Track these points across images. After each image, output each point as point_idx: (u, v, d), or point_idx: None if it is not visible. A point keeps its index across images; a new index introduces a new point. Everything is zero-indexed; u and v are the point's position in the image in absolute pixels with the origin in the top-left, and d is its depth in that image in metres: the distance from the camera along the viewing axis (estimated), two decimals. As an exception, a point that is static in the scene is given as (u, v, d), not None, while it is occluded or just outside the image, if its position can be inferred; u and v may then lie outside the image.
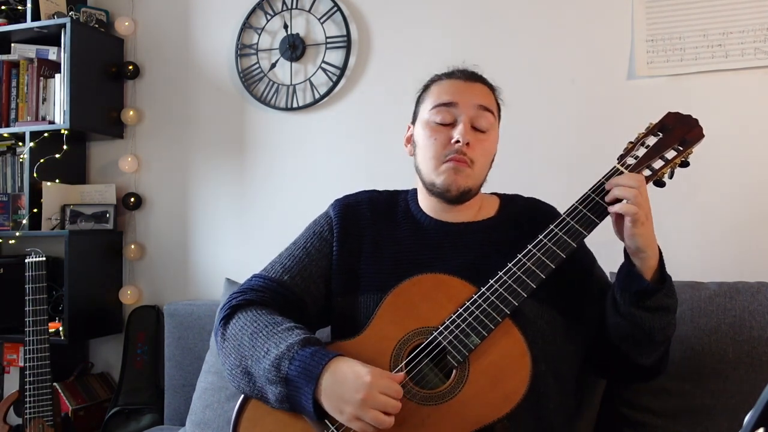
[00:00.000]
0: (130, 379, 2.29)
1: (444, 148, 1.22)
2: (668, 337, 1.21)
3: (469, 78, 1.27)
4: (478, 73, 1.30)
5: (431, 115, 1.24)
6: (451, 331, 1.08)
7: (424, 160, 1.25)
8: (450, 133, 1.22)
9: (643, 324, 1.14)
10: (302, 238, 1.33)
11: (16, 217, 2.31)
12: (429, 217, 1.29)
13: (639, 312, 1.13)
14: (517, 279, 1.10)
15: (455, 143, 1.20)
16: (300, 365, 1.06)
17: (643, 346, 1.18)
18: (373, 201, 1.35)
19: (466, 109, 1.22)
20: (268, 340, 1.12)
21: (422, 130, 1.26)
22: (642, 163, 1.14)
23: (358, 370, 1.04)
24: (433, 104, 1.25)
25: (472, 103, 1.23)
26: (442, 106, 1.23)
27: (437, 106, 1.24)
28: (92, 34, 2.36)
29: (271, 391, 1.09)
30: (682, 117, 1.16)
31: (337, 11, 2.18)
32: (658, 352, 1.20)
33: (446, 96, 1.24)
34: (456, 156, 1.21)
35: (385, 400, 1.01)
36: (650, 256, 1.11)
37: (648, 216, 1.09)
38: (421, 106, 1.29)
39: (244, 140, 2.32)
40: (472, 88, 1.25)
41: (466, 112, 1.22)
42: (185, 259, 2.38)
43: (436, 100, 1.25)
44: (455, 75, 1.28)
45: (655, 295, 1.11)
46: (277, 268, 1.27)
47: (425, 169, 1.25)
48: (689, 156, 1.15)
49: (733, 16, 1.79)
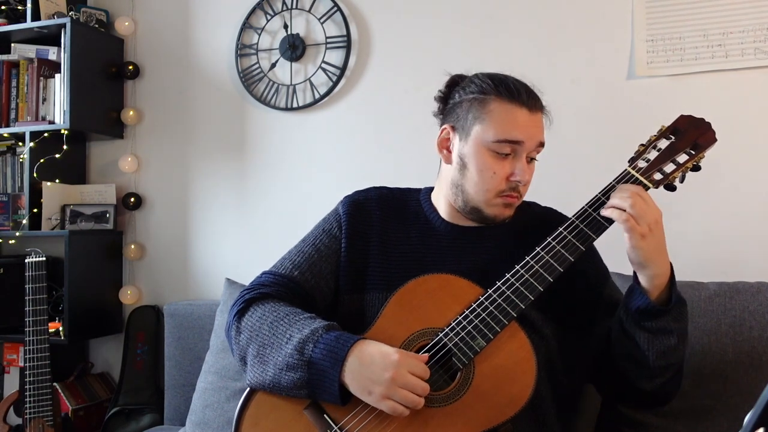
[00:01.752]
0: (130, 379, 2.29)
1: (502, 183, 1.18)
2: (671, 364, 1.13)
3: (533, 108, 1.18)
4: (537, 95, 1.22)
5: (495, 146, 1.16)
6: (456, 333, 1.08)
7: (475, 188, 1.20)
8: (508, 167, 1.17)
9: (640, 344, 1.10)
10: (311, 235, 1.32)
11: (16, 217, 2.31)
12: (442, 219, 1.28)
13: (639, 332, 1.09)
14: (525, 282, 1.10)
15: (514, 180, 1.17)
16: (325, 348, 1.06)
17: (642, 370, 1.13)
18: (382, 198, 1.33)
19: (529, 146, 1.18)
20: (291, 326, 1.12)
21: (480, 157, 1.18)
22: (653, 166, 1.13)
23: (385, 350, 1.04)
24: (498, 137, 1.16)
25: (535, 141, 1.19)
26: (507, 143, 1.16)
27: (503, 142, 1.16)
28: (92, 34, 2.35)
29: (288, 377, 1.08)
30: (694, 120, 1.15)
31: (337, 11, 2.18)
32: (660, 378, 1.14)
33: (516, 132, 1.16)
34: (512, 193, 1.19)
35: (415, 381, 1.01)
36: (656, 274, 1.07)
37: (652, 229, 1.05)
38: (477, 125, 1.18)
39: (244, 140, 2.32)
40: (536, 122, 1.19)
41: (528, 149, 1.18)
42: (185, 259, 2.38)
43: (502, 133, 1.16)
44: (521, 100, 1.17)
45: (658, 317, 1.07)
46: (286, 265, 1.27)
47: (475, 195, 1.20)
48: (701, 160, 1.14)
49: (733, 16, 1.79)
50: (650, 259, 1.06)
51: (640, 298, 1.08)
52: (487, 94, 1.18)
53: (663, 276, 1.08)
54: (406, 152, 2.12)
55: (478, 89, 1.20)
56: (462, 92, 1.23)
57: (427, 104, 2.09)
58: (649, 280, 1.08)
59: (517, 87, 1.18)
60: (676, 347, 1.11)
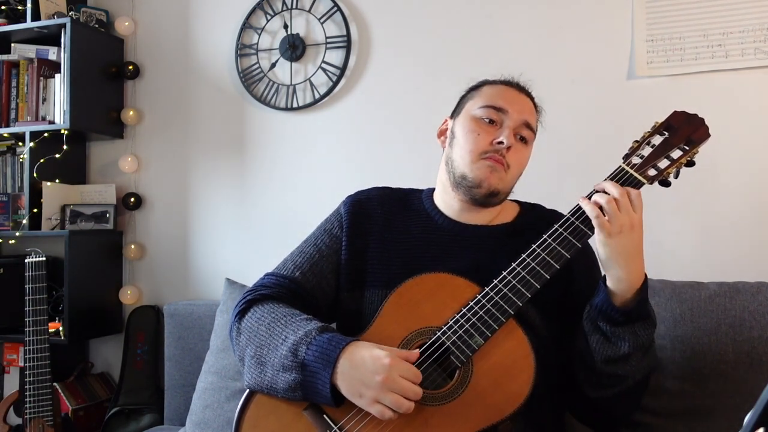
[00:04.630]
0: (130, 379, 2.29)
1: (485, 144, 1.22)
2: (619, 376, 1.12)
3: (522, 91, 1.29)
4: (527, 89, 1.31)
5: (480, 111, 1.24)
6: (454, 332, 1.08)
7: (461, 152, 1.24)
8: (494, 133, 1.22)
9: (590, 344, 1.10)
10: (313, 235, 1.34)
11: (16, 217, 2.31)
12: (444, 215, 1.29)
13: (592, 329, 1.10)
14: (522, 279, 1.10)
15: (498, 143, 1.21)
16: (317, 350, 1.07)
17: (587, 371, 1.13)
18: (384, 197, 1.35)
19: (514, 117, 1.23)
20: (286, 328, 1.13)
21: (466, 123, 1.26)
22: (647, 162, 1.13)
23: (377, 353, 1.04)
24: (484, 103, 1.25)
25: (520, 115, 1.24)
26: (493, 108, 1.24)
27: (488, 107, 1.24)
28: (92, 34, 2.35)
29: (283, 379, 1.09)
30: (688, 116, 1.15)
31: (337, 11, 2.18)
32: (605, 389, 1.14)
33: (500, 100, 1.24)
34: (495, 156, 1.21)
35: (405, 385, 1.01)
36: (621, 278, 1.07)
37: (623, 230, 1.05)
38: (468, 102, 1.29)
39: (244, 140, 2.32)
40: (524, 101, 1.27)
41: (513, 120, 1.23)
42: (185, 259, 2.38)
43: (488, 100, 1.25)
44: (510, 83, 1.30)
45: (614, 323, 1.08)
46: (289, 266, 1.28)
47: (460, 160, 1.24)
48: (695, 156, 1.14)
49: (733, 16, 1.79)
50: (615, 260, 1.06)
51: (602, 296, 1.09)
52: (482, 84, 1.32)
53: (629, 282, 1.07)
54: (407, 152, 2.12)
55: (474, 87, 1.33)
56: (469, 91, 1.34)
57: (427, 104, 2.11)
58: (613, 282, 1.08)
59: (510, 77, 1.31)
60: (627, 359, 1.10)
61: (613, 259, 1.06)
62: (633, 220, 1.06)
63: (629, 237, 1.05)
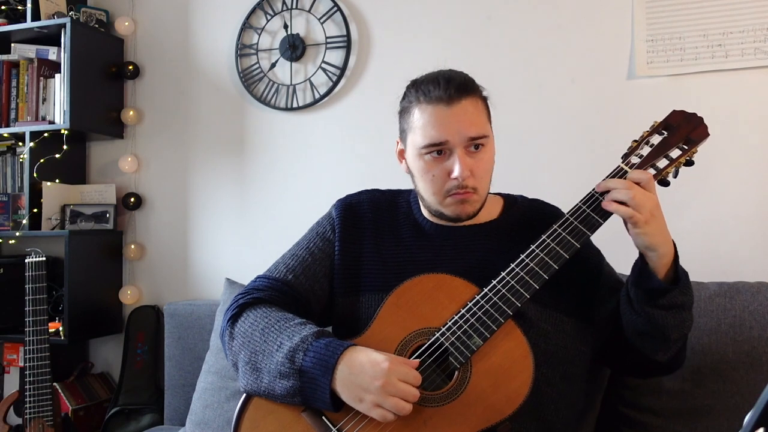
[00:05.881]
0: (130, 379, 2.29)
1: (444, 183, 1.17)
2: (684, 334, 1.19)
3: (452, 99, 1.15)
4: (456, 80, 1.17)
5: (424, 151, 1.17)
6: (453, 333, 1.08)
7: (426, 194, 1.21)
8: (446, 166, 1.16)
9: (657, 322, 1.12)
10: (305, 239, 1.33)
11: (16, 217, 2.31)
12: (430, 221, 1.28)
13: (653, 310, 1.11)
14: (520, 280, 1.10)
15: (454, 178, 1.16)
16: (315, 356, 1.06)
17: (658, 343, 1.16)
18: (374, 201, 1.34)
19: (457, 140, 1.15)
20: (281, 333, 1.12)
21: (417, 163, 1.20)
22: (646, 162, 1.13)
23: (375, 358, 1.04)
24: (423, 143, 1.17)
25: (462, 135, 1.15)
26: (433, 146, 1.16)
27: (428, 146, 1.16)
28: (92, 34, 2.35)
29: (281, 385, 1.09)
30: (687, 115, 1.15)
31: (337, 11, 2.18)
32: (674, 348, 1.19)
33: (435, 132, 1.15)
34: (458, 191, 1.17)
35: (405, 388, 1.01)
36: (662, 254, 1.09)
37: (653, 213, 1.07)
38: (409, 133, 1.21)
39: (244, 140, 2.32)
40: (458, 115, 1.15)
41: (458, 143, 1.15)
42: (185, 259, 2.38)
43: (425, 138, 1.16)
44: (435, 97, 1.15)
45: (669, 293, 1.10)
46: (281, 269, 1.27)
47: (429, 199, 1.22)
48: (694, 155, 1.14)
49: (733, 16, 1.79)
50: (656, 243, 1.08)
51: (652, 279, 1.10)
52: (411, 103, 1.20)
53: (669, 255, 1.10)
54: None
55: (406, 99, 1.23)
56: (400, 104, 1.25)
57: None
58: (657, 261, 1.09)
59: (430, 86, 1.16)
60: (688, 318, 1.15)
61: (654, 243, 1.08)
62: (655, 200, 1.08)
63: (658, 219, 1.08)
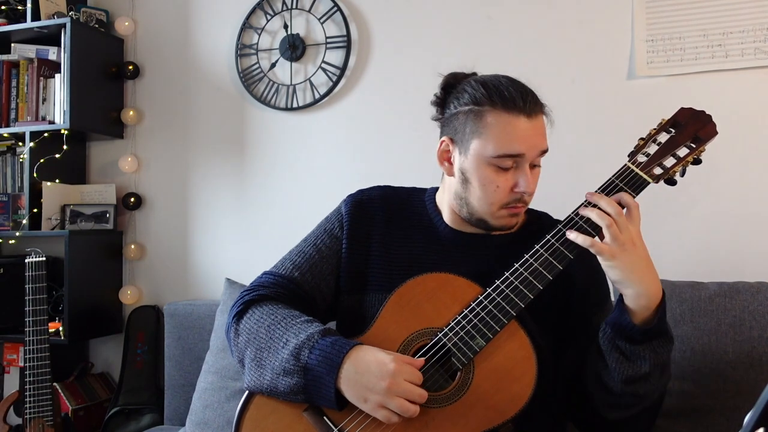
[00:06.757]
0: (130, 379, 2.29)
1: (506, 195, 1.14)
2: (639, 396, 1.08)
3: (532, 113, 1.11)
4: (532, 93, 1.14)
5: (495, 161, 1.12)
6: (456, 333, 1.07)
7: (479, 202, 1.16)
8: (512, 178, 1.13)
9: (609, 364, 1.06)
10: (313, 235, 1.30)
11: (16, 217, 2.31)
12: (446, 224, 1.25)
13: (610, 349, 1.06)
14: (524, 280, 1.08)
15: (519, 192, 1.13)
16: (320, 354, 1.06)
17: (607, 394, 1.09)
18: (386, 198, 1.30)
19: (531, 156, 1.13)
20: (287, 331, 1.12)
21: (481, 172, 1.13)
22: (653, 161, 1.10)
23: (381, 358, 1.03)
24: (499, 152, 1.11)
25: (537, 150, 1.13)
26: (509, 157, 1.11)
27: (504, 156, 1.11)
28: (92, 34, 2.35)
29: (284, 383, 1.08)
30: (695, 113, 1.13)
31: (337, 11, 2.18)
32: (624, 410, 1.11)
33: (515, 144, 1.10)
34: (517, 204, 1.15)
35: (411, 388, 1.01)
36: (639, 294, 1.03)
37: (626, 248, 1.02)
38: (475, 137, 1.13)
39: (244, 140, 2.32)
40: (537, 130, 1.13)
41: (530, 159, 1.13)
42: (185, 259, 2.38)
43: (502, 147, 1.10)
44: (518, 108, 1.10)
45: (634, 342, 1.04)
46: (287, 265, 1.26)
47: (479, 208, 1.16)
48: (702, 153, 1.11)
49: (733, 16, 1.79)
50: (628, 279, 1.02)
51: (621, 315, 1.05)
52: (482, 105, 1.12)
53: (648, 297, 1.03)
54: (407, 152, 2.12)
55: (472, 99, 1.13)
56: (456, 102, 1.17)
57: (427, 104, 2.10)
58: (632, 300, 1.04)
59: (512, 94, 1.11)
60: (648, 377, 1.07)
61: (626, 278, 1.02)
62: (633, 236, 1.03)
63: (633, 254, 1.02)
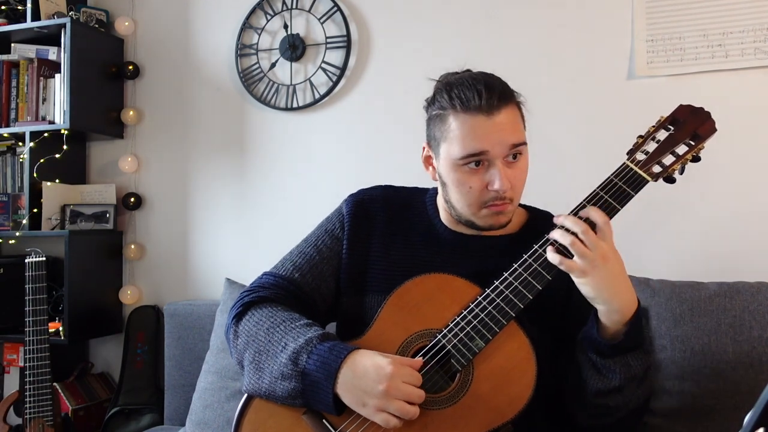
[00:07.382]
0: (130, 379, 2.29)
1: (481, 195, 1.12)
2: (609, 408, 1.08)
3: (492, 109, 1.09)
4: (495, 88, 1.11)
5: (462, 162, 1.11)
6: (455, 334, 1.07)
7: (460, 204, 1.16)
8: (484, 177, 1.11)
9: (582, 374, 1.08)
10: (314, 235, 1.30)
11: (16, 217, 2.31)
12: (445, 226, 1.24)
13: (583, 360, 1.08)
14: (524, 280, 1.08)
15: (493, 190, 1.11)
16: (319, 359, 1.05)
17: (578, 400, 1.11)
18: (388, 199, 1.30)
19: (497, 151, 1.10)
20: (286, 334, 1.11)
21: (452, 174, 1.14)
22: (652, 159, 1.10)
23: (378, 361, 1.03)
24: (460, 154, 1.10)
25: (503, 146, 1.10)
26: (472, 156, 1.10)
27: (467, 157, 1.10)
28: (92, 34, 2.35)
29: (282, 387, 1.08)
30: (694, 110, 1.12)
31: (337, 11, 2.18)
32: (596, 418, 1.11)
33: (476, 143, 1.09)
34: (496, 202, 1.13)
35: (409, 390, 1.00)
36: (610, 310, 1.02)
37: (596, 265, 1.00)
38: (442, 143, 1.14)
39: (244, 140, 2.32)
40: (499, 125, 1.09)
41: (498, 153, 1.10)
42: (185, 259, 2.38)
43: (464, 149, 1.10)
44: (474, 107, 1.09)
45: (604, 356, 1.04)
46: (288, 266, 1.25)
47: (462, 210, 1.16)
48: (701, 151, 1.11)
49: (733, 16, 1.79)
50: (599, 296, 1.02)
51: (591, 328, 1.05)
52: (445, 109, 1.13)
53: (621, 313, 1.03)
54: (407, 152, 2.11)
55: (438, 104, 1.15)
56: (430, 107, 1.19)
57: (427, 104, 2.10)
58: (604, 315, 1.04)
59: (468, 94, 1.10)
60: (619, 390, 1.07)
61: (597, 295, 1.02)
62: (604, 251, 1.01)
63: (605, 269, 1.01)
